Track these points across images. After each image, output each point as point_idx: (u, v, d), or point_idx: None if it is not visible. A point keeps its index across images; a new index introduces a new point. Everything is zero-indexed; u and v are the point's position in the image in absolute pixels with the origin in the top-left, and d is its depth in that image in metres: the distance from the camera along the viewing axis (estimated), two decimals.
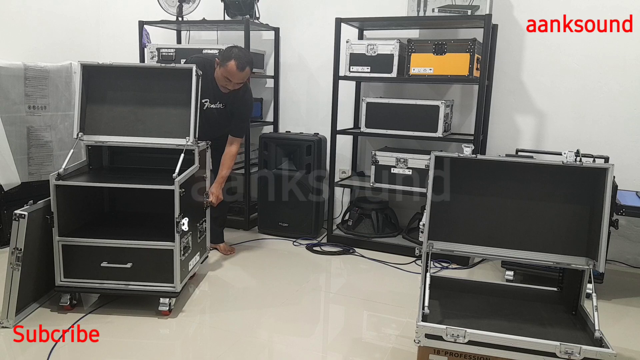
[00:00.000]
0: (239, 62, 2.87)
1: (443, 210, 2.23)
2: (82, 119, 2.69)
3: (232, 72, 2.89)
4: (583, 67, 3.39)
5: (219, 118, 3.14)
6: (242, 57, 2.89)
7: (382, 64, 3.39)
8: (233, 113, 3.14)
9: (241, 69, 2.88)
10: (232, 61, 2.86)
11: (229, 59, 2.87)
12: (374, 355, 2.23)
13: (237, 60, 2.87)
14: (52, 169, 3.50)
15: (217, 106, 3.11)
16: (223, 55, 2.92)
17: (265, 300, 2.75)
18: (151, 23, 4.07)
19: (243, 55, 2.91)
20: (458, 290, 2.39)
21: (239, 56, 2.88)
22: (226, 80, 2.94)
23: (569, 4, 3.36)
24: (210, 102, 3.09)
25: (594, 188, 2.09)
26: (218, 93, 3.06)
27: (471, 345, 1.87)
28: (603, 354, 1.78)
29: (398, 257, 3.46)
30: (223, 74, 2.92)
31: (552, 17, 3.42)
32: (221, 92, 3.05)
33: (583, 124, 3.44)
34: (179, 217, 2.45)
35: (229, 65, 2.87)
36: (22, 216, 2.31)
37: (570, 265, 2.14)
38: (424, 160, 3.36)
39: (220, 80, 2.97)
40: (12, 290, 2.34)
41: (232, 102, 3.11)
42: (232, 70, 2.88)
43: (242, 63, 2.88)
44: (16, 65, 3.42)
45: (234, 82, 2.94)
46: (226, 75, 2.91)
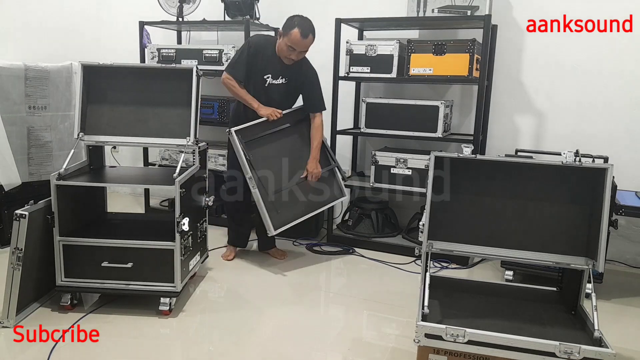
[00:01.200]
0: (303, 30, 2.87)
1: (443, 210, 2.23)
2: (82, 119, 2.69)
3: (295, 40, 2.87)
4: (583, 68, 3.39)
5: (282, 94, 3.10)
6: (305, 25, 2.89)
7: (382, 64, 3.40)
8: (297, 87, 3.12)
9: (305, 36, 2.87)
10: (295, 29, 2.86)
11: (292, 28, 2.87)
12: (374, 355, 2.24)
13: (300, 28, 2.86)
14: (51, 169, 3.50)
15: (279, 82, 3.06)
16: (285, 25, 2.92)
17: (265, 300, 2.75)
18: (151, 23, 4.07)
19: (305, 23, 2.90)
20: (458, 290, 2.40)
21: (301, 24, 2.88)
22: (290, 50, 2.91)
23: (568, 4, 3.36)
24: (273, 78, 3.04)
25: (593, 188, 2.09)
26: (280, 67, 3.03)
27: (471, 345, 1.87)
28: (602, 353, 1.79)
29: (398, 257, 3.46)
30: (287, 44, 2.90)
31: (552, 18, 3.42)
32: (283, 66, 3.01)
33: (582, 124, 3.45)
34: (180, 217, 2.46)
35: (293, 33, 2.86)
36: (23, 216, 2.32)
37: (569, 265, 2.14)
38: (424, 161, 3.36)
39: (283, 51, 2.94)
40: (13, 290, 2.34)
41: (295, 77, 3.08)
42: (295, 39, 2.87)
43: (305, 30, 2.87)
44: (17, 66, 3.42)
45: (298, 51, 2.92)
46: (290, 44, 2.89)
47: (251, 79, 3.05)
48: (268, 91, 3.07)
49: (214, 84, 4.42)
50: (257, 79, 3.05)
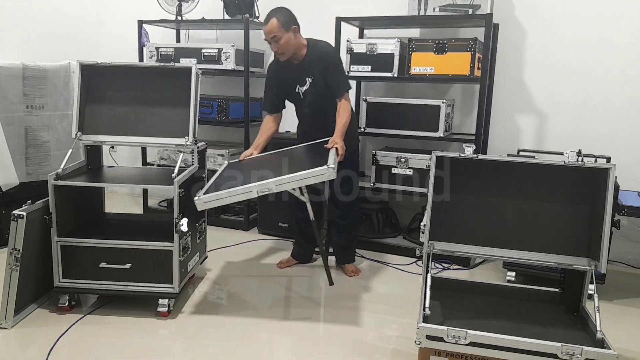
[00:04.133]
0: (265, 19, 2.78)
1: (444, 211, 2.22)
2: (80, 119, 2.68)
3: (264, 32, 2.79)
4: (584, 67, 3.38)
5: (317, 95, 2.93)
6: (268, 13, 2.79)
7: (382, 63, 3.38)
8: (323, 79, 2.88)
9: (266, 23, 2.77)
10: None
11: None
12: (374, 356, 2.22)
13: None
14: (49, 169, 3.49)
15: (307, 85, 2.92)
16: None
17: (265, 300, 2.74)
18: (150, 22, 4.06)
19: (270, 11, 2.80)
20: (459, 291, 2.38)
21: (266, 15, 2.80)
22: (270, 45, 2.81)
23: (570, 4, 3.35)
24: (301, 85, 2.94)
25: (595, 188, 2.07)
26: (299, 71, 2.91)
27: (472, 346, 1.85)
28: (605, 355, 1.77)
29: (398, 257, 3.45)
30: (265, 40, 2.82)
31: (553, 17, 3.40)
32: (299, 68, 2.89)
33: (585, 124, 3.43)
34: (178, 218, 2.44)
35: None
36: (21, 216, 2.30)
37: (571, 265, 2.13)
38: (425, 160, 3.34)
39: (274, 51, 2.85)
40: (11, 291, 2.33)
41: (315, 69, 2.88)
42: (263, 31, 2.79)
43: (266, 18, 2.77)
44: (15, 65, 3.41)
45: (271, 41, 2.78)
46: (265, 39, 2.81)
47: (291, 100, 3.03)
48: (305, 102, 2.96)
49: (213, 83, 4.41)
50: (295, 97, 2.99)
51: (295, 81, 2.95)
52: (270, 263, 3.28)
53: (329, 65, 2.86)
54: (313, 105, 2.96)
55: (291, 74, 2.94)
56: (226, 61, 3.77)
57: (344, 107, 2.85)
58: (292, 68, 2.92)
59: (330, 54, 2.90)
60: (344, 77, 2.93)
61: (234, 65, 3.77)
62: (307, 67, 2.89)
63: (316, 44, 2.90)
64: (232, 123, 3.95)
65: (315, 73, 2.88)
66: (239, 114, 3.97)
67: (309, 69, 2.89)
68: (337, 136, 2.76)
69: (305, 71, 2.90)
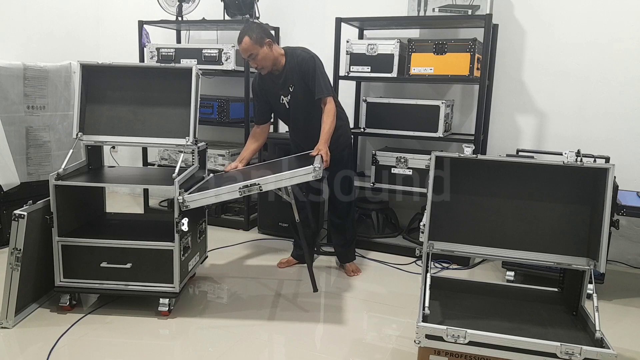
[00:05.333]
0: (238, 39, 2.78)
1: (443, 211, 2.22)
2: (81, 119, 2.69)
3: (240, 51, 2.81)
4: (584, 67, 3.38)
5: (300, 102, 2.91)
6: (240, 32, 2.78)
7: (382, 64, 3.39)
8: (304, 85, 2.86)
9: (239, 42, 2.77)
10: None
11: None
12: (374, 356, 2.23)
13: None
14: (50, 169, 3.50)
15: (290, 94, 2.91)
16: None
17: (265, 300, 2.74)
18: (151, 23, 4.06)
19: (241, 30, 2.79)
20: (459, 290, 2.39)
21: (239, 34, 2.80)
22: (250, 62, 2.84)
23: (569, 4, 3.36)
24: (284, 95, 2.93)
25: (594, 188, 2.08)
26: (279, 82, 2.90)
27: (472, 346, 1.86)
28: (604, 354, 1.78)
29: (398, 257, 3.45)
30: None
31: (553, 17, 3.41)
32: (279, 78, 2.88)
33: (584, 124, 3.44)
34: (179, 217, 2.45)
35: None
36: (22, 216, 2.31)
37: (570, 265, 2.13)
38: (424, 160, 3.35)
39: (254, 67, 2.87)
40: (12, 291, 2.34)
41: (295, 77, 2.87)
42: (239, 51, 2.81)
43: (239, 38, 2.77)
44: (15, 65, 3.41)
45: (247, 57, 2.80)
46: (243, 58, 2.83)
47: (276, 112, 3.04)
48: (291, 111, 2.95)
49: (213, 83, 4.42)
50: (280, 108, 2.98)
51: (278, 92, 2.94)
52: (271, 263, 3.29)
53: (308, 71, 2.83)
54: (298, 114, 2.95)
55: (273, 86, 2.93)
56: (226, 62, 3.78)
57: (327, 111, 2.81)
58: (273, 79, 2.91)
59: (307, 60, 2.84)
60: (323, 81, 2.85)
61: (234, 66, 3.77)
62: (288, 76, 2.88)
63: (294, 52, 2.88)
64: (233, 123, 3.96)
65: (295, 81, 2.88)
66: (239, 114, 3.98)
67: (290, 78, 2.88)
68: (322, 143, 2.74)
69: (287, 80, 2.89)
